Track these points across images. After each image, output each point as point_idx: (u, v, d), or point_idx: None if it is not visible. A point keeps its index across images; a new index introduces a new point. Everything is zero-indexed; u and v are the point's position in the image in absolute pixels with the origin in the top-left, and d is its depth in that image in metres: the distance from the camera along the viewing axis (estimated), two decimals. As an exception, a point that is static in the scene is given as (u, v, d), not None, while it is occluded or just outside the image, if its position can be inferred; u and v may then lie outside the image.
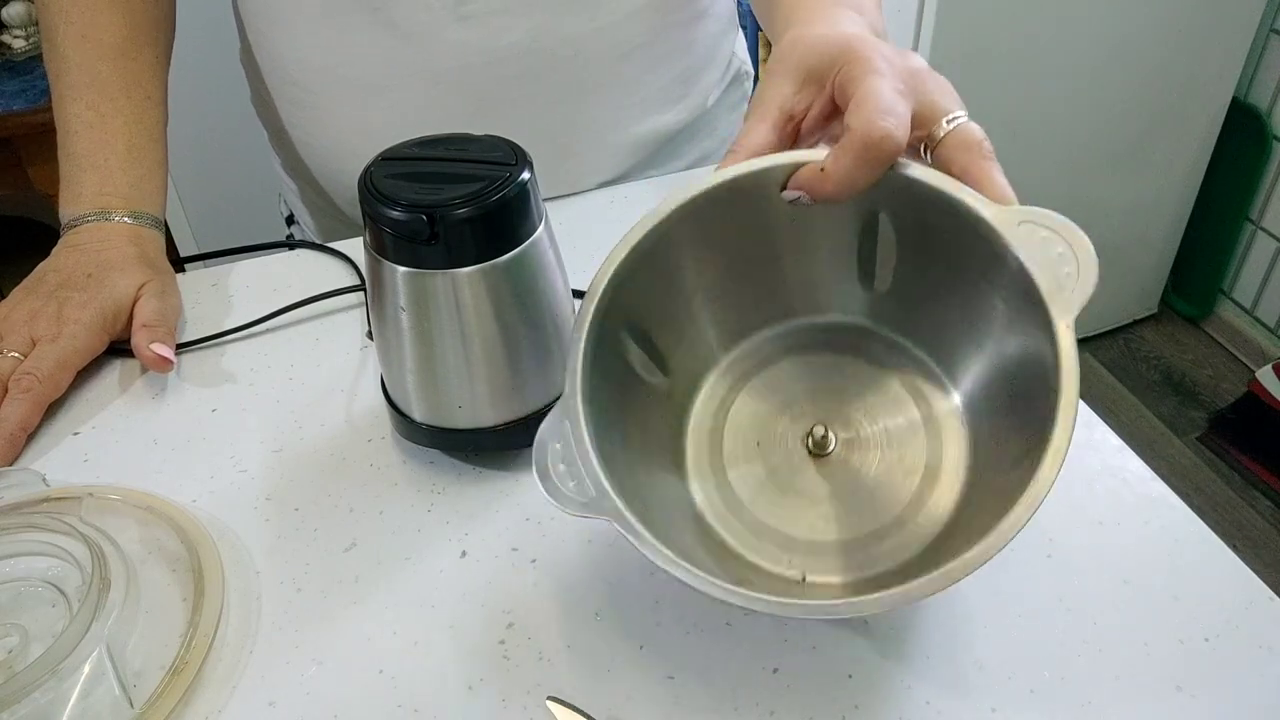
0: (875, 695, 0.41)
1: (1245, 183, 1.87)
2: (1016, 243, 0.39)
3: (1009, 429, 0.42)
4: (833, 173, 0.41)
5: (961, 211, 0.40)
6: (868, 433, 0.46)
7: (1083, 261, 0.38)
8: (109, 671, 0.41)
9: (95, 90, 0.64)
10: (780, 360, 0.48)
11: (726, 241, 0.46)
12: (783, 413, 0.47)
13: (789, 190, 0.43)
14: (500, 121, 0.69)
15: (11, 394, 0.55)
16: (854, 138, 0.40)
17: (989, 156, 0.42)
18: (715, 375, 0.48)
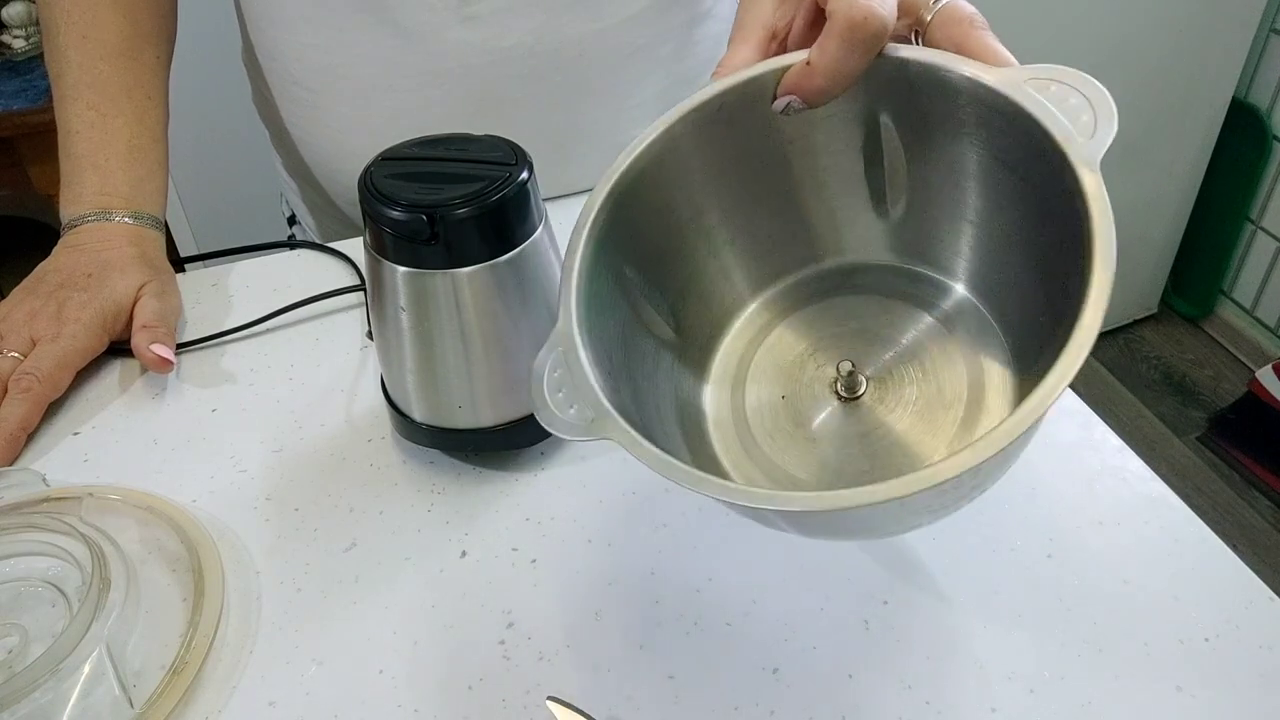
0: (875, 695, 0.41)
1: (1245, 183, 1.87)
2: (1025, 100, 0.36)
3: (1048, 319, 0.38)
4: (819, 63, 0.38)
5: (962, 83, 0.38)
6: (900, 370, 0.43)
7: (1099, 108, 0.35)
8: (109, 671, 0.41)
9: (96, 90, 0.64)
10: (799, 309, 0.46)
11: (728, 173, 0.43)
12: (806, 362, 0.44)
13: (778, 99, 0.40)
14: (503, 121, 0.69)
15: (11, 394, 0.55)
16: (837, 22, 0.38)
17: (983, 27, 0.40)
18: (732, 331, 0.45)
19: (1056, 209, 0.36)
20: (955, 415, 0.41)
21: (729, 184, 0.44)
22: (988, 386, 0.41)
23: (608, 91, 0.71)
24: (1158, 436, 1.84)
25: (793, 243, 0.46)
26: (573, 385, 0.35)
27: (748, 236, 0.45)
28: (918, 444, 0.41)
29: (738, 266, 0.46)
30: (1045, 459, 0.51)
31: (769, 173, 0.44)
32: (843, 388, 0.43)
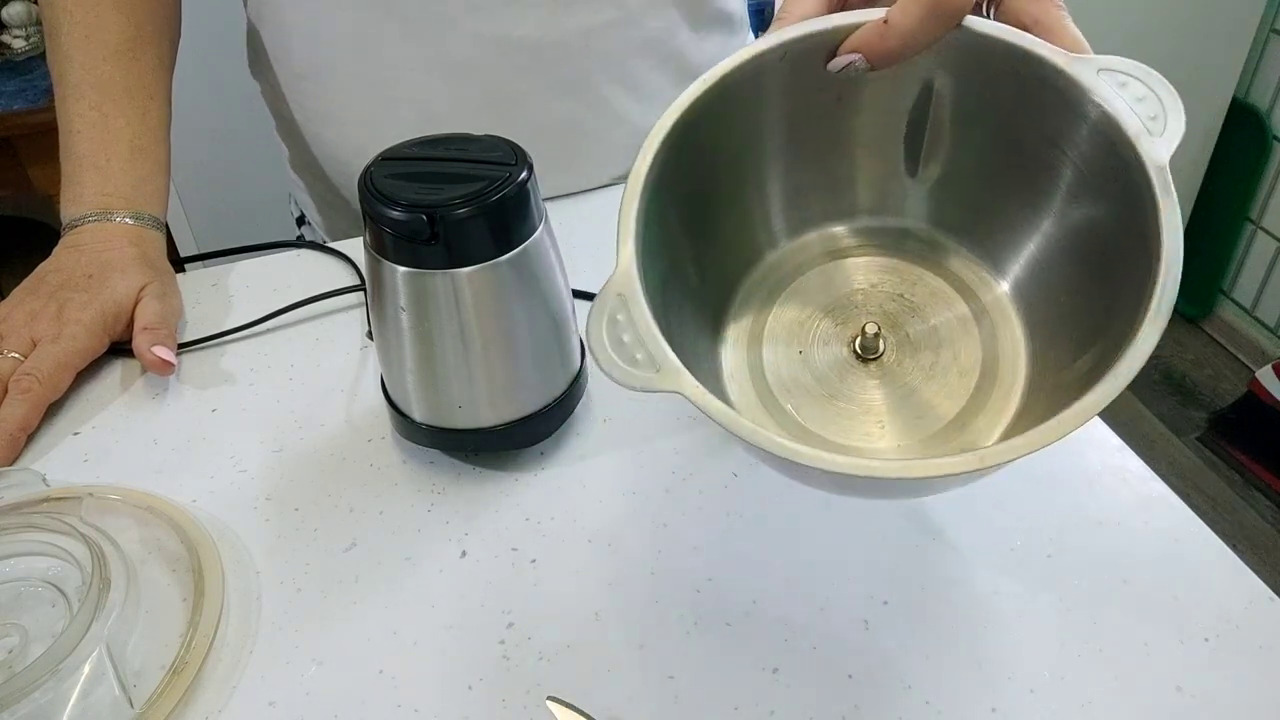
0: (875, 695, 0.41)
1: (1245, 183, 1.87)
2: (1097, 90, 0.36)
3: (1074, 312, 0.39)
4: (898, 24, 0.37)
5: (1034, 63, 0.37)
6: (919, 341, 0.43)
7: (1169, 105, 0.35)
8: (109, 671, 0.41)
9: (98, 90, 0.64)
10: (830, 261, 0.45)
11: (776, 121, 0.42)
12: (829, 316, 0.44)
13: (840, 57, 0.39)
14: (511, 114, 0.69)
15: (11, 394, 0.55)
16: None
17: (1060, 5, 0.39)
18: (749, 282, 0.45)
19: (1112, 201, 0.35)
20: (969, 384, 0.41)
21: (775, 131, 0.43)
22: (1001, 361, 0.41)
23: (614, 84, 0.72)
24: (1158, 436, 1.84)
25: (829, 193, 0.45)
26: (635, 334, 0.33)
27: (784, 182, 0.44)
28: (933, 407, 0.41)
29: (771, 212, 0.45)
30: (1045, 459, 0.51)
31: (818, 124, 0.43)
32: (862, 347, 0.42)
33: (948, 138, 0.42)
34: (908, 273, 0.45)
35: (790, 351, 0.43)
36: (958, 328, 0.43)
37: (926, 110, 0.42)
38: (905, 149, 0.43)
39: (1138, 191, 0.34)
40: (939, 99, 0.41)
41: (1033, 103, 0.38)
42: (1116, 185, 0.35)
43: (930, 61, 0.39)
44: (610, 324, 0.33)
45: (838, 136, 0.44)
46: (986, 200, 0.43)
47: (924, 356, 0.42)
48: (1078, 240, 0.39)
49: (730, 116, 0.41)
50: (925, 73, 0.41)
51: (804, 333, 0.44)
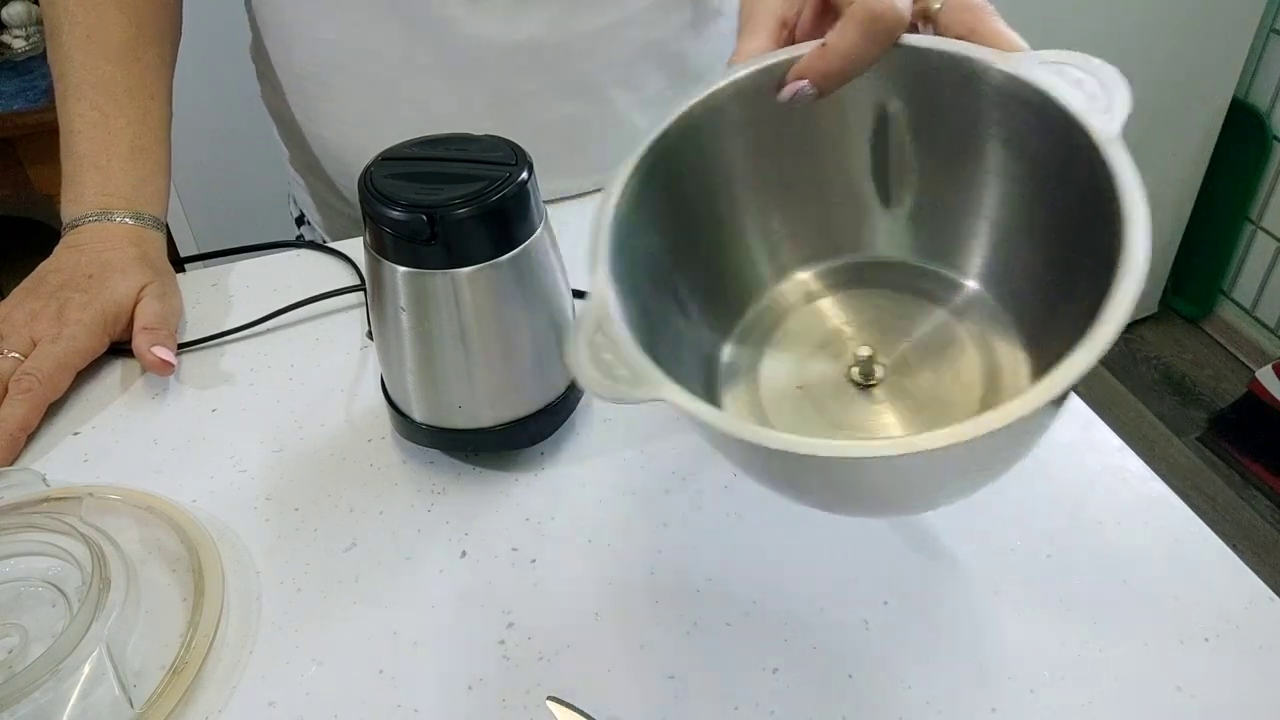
0: (875, 695, 0.41)
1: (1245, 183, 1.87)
2: (1041, 80, 0.36)
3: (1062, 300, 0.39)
4: (836, 46, 0.38)
5: (975, 67, 0.38)
6: (914, 359, 0.43)
7: (1113, 88, 0.35)
8: (109, 671, 0.41)
9: (99, 90, 0.64)
10: (812, 301, 0.45)
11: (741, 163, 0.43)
12: (819, 353, 0.44)
13: (786, 86, 0.40)
14: (514, 115, 0.69)
15: (11, 394, 0.55)
16: (858, 9, 0.38)
17: (993, 13, 0.40)
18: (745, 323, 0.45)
19: (1076, 188, 0.36)
20: (973, 399, 0.41)
21: (746, 170, 0.43)
22: (1003, 371, 0.41)
23: (618, 86, 0.72)
24: (1158, 436, 1.84)
25: (808, 234, 0.46)
26: (615, 351, 0.34)
27: (764, 225, 0.45)
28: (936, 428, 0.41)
29: (756, 253, 0.45)
30: (1045, 459, 0.51)
31: (784, 162, 0.44)
32: (859, 374, 0.42)
33: (912, 160, 0.43)
34: (900, 302, 0.45)
35: (789, 388, 0.43)
36: (955, 349, 0.43)
37: (886, 136, 0.42)
38: (874, 179, 0.44)
39: (1094, 169, 0.34)
40: (895, 122, 0.42)
41: (981, 107, 0.39)
42: (1074, 170, 0.36)
43: (879, 86, 0.40)
44: (590, 345, 0.34)
45: (808, 174, 0.44)
46: (963, 219, 0.43)
47: (923, 378, 0.42)
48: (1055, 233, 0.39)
49: (694, 155, 0.41)
50: (877, 97, 0.41)
51: (800, 370, 0.44)
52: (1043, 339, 0.41)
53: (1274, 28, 1.77)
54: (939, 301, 0.44)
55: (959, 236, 0.43)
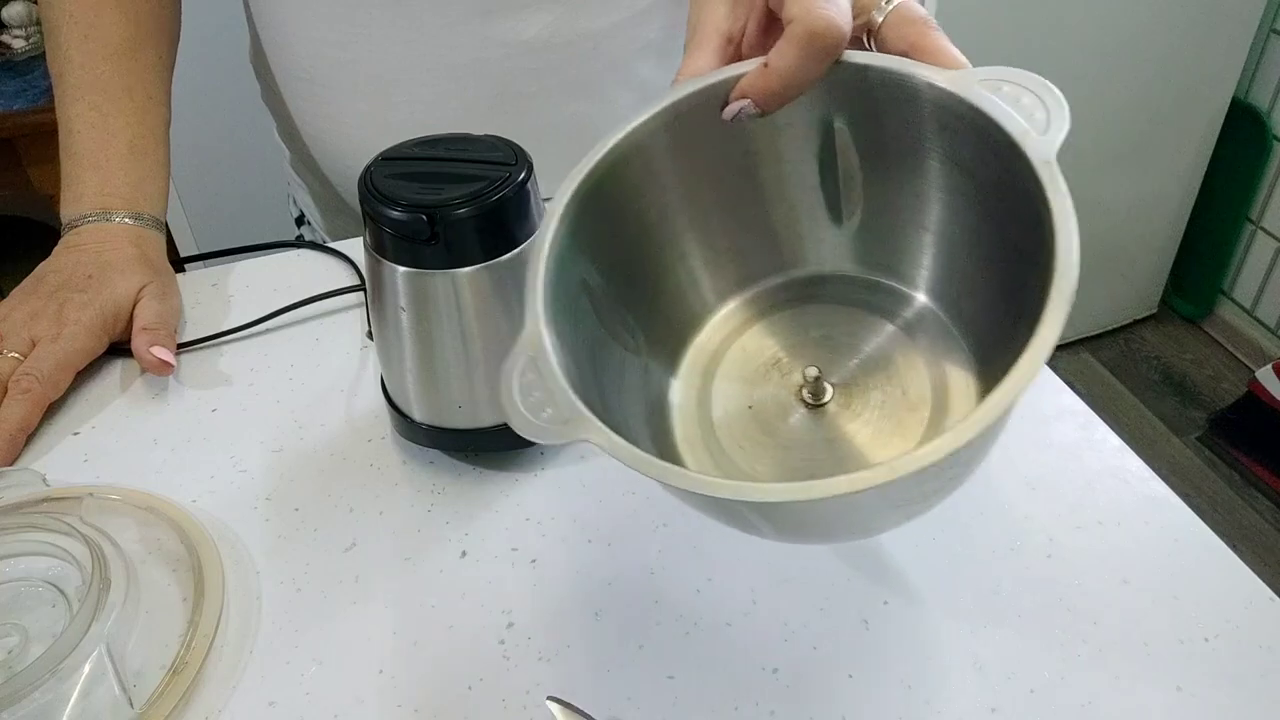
0: (875, 695, 0.41)
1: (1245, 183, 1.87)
2: (978, 99, 0.36)
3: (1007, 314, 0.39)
4: (777, 66, 0.38)
5: (915, 85, 0.38)
6: (864, 376, 0.43)
7: (1051, 106, 0.36)
8: (109, 671, 0.41)
9: (98, 90, 0.64)
10: (762, 319, 0.45)
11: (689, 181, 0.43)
12: (770, 371, 0.44)
13: (730, 105, 0.40)
14: (516, 115, 0.69)
15: (11, 394, 0.55)
16: (797, 29, 0.38)
17: (936, 28, 0.40)
18: (696, 341, 0.45)
19: (1014, 207, 0.36)
20: (921, 417, 0.41)
21: (690, 191, 0.43)
22: (951, 390, 0.41)
23: (620, 85, 0.72)
24: (1158, 436, 1.84)
25: (755, 252, 0.46)
26: (544, 389, 0.34)
27: (709, 246, 0.45)
28: (886, 447, 0.41)
29: (701, 275, 0.45)
30: (1045, 459, 0.51)
31: (729, 181, 0.44)
32: (809, 394, 0.42)
33: (859, 175, 0.43)
34: (849, 317, 0.45)
35: (740, 410, 0.43)
36: (903, 365, 0.42)
37: (833, 151, 0.42)
38: (824, 196, 0.44)
39: (1028, 195, 0.34)
40: (841, 137, 0.42)
41: (923, 124, 0.39)
42: (1012, 189, 0.36)
43: (824, 102, 0.40)
44: (520, 383, 0.34)
45: (759, 189, 0.44)
46: (910, 233, 0.43)
47: (873, 396, 0.42)
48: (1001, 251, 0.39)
49: (635, 180, 0.41)
50: (822, 113, 0.41)
51: (751, 387, 0.44)
52: (990, 353, 0.41)
53: (1274, 28, 1.77)
54: (889, 316, 0.44)
55: (906, 250, 0.43)
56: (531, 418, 0.33)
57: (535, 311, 0.36)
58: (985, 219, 0.39)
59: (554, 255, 0.38)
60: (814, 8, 0.38)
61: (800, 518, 0.35)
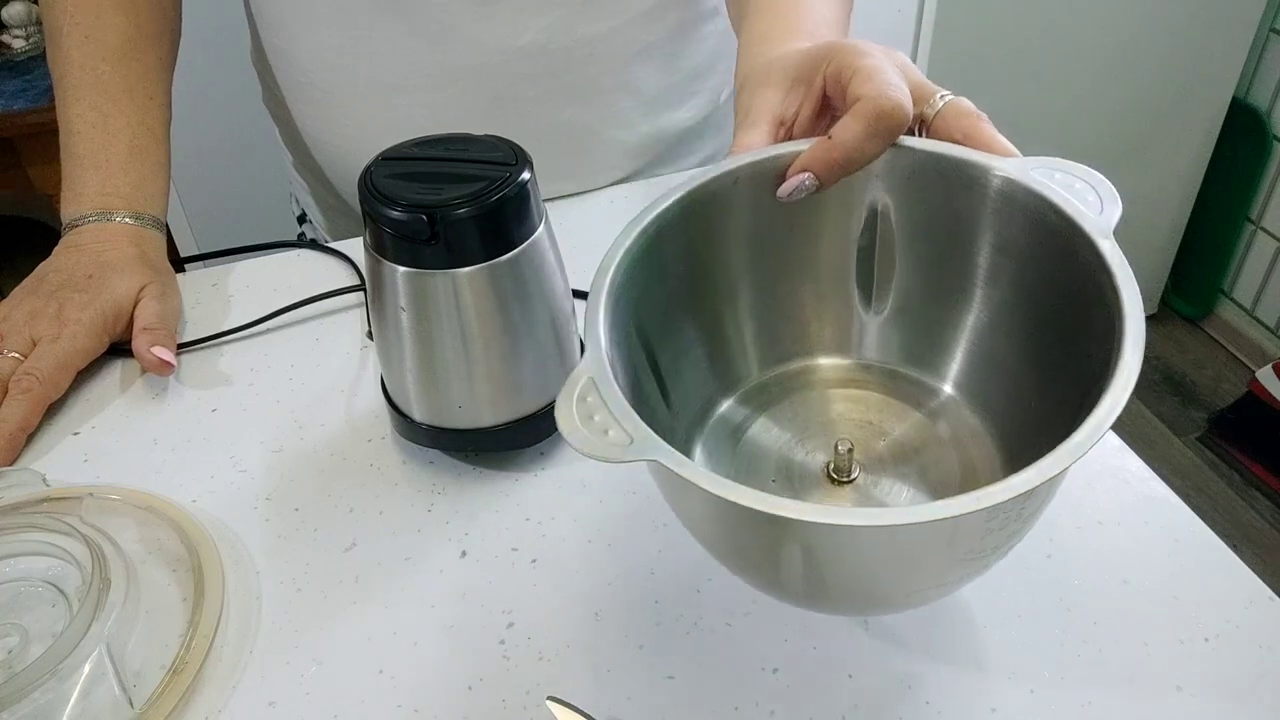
0: (875, 695, 0.41)
1: (1245, 183, 1.87)
2: (1034, 184, 0.38)
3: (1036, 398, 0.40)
4: (841, 139, 0.40)
5: (969, 169, 0.39)
6: (891, 459, 0.43)
7: (1103, 192, 0.37)
8: (109, 671, 0.41)
9: (98, 91, 0.64)
10: (784, 399, 0.46)
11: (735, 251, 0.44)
12: (795, 447, 0.44)
13: (789, 179, 0.41)
14: (514, 119, 0.70)
15: (12, 394, 0.55)
16: (866, 106, 0.39)
17: (987, 121, 0.42)
18: (720, 413, 0.46)
19: (1067, 286, 0.37)
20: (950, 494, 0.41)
21: (733, 259, 0.44)
22: (979, 473, 0.42)
23: (616, 89, 0.72)
24: (1158, 436, 1.84)
25: (787, 328, 0.47)
26: (607, 412, 0.34)
27: (744, 316, 0.46)
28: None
29: (733, 344, 0.46)
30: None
31: (769, 257, 0.45)
32: (835, 470, 0.43)
33: (897, 261, 0.44)
34: (875, 402, 0.46)
35: (763, 481, 0.43)
36: (928, 447, 0.43)
37: (874, 235, 0.43)
38: (858, 278, 0.45)
39: (1085, 264, 0.35)
40: (885, 220, 0.43)
41: (973, 208, 0.40)
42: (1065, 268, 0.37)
43: (873, 184, 0.41)
44: (580, 403, 0.34)
45: (795, 267, 0.45)
46: (939, 319, 0.44)
47: (899, 475, 0.43)
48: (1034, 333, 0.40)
49: (689, 236, 0.42)
50: (870, 196, 0.42)
51: (775, 463, 0.44)
52: (1015, 439, 0.42)
53: (1274, 28, 1.77)
54: (914, 404, 0.45)
55: (938, 340, 0.44)
56: (592, 436, 0.33)
57: (597, 336, 0.36)
58: (1029, 303, 0.40)
59: (612, 291, 0.38)
60: (885, 88, 0.39)
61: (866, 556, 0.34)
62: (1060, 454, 0.30)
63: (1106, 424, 0.30)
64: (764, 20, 0.53)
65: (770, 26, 0.52)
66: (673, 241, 0.41)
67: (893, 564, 0.34)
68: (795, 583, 0.37)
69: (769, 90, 0.46)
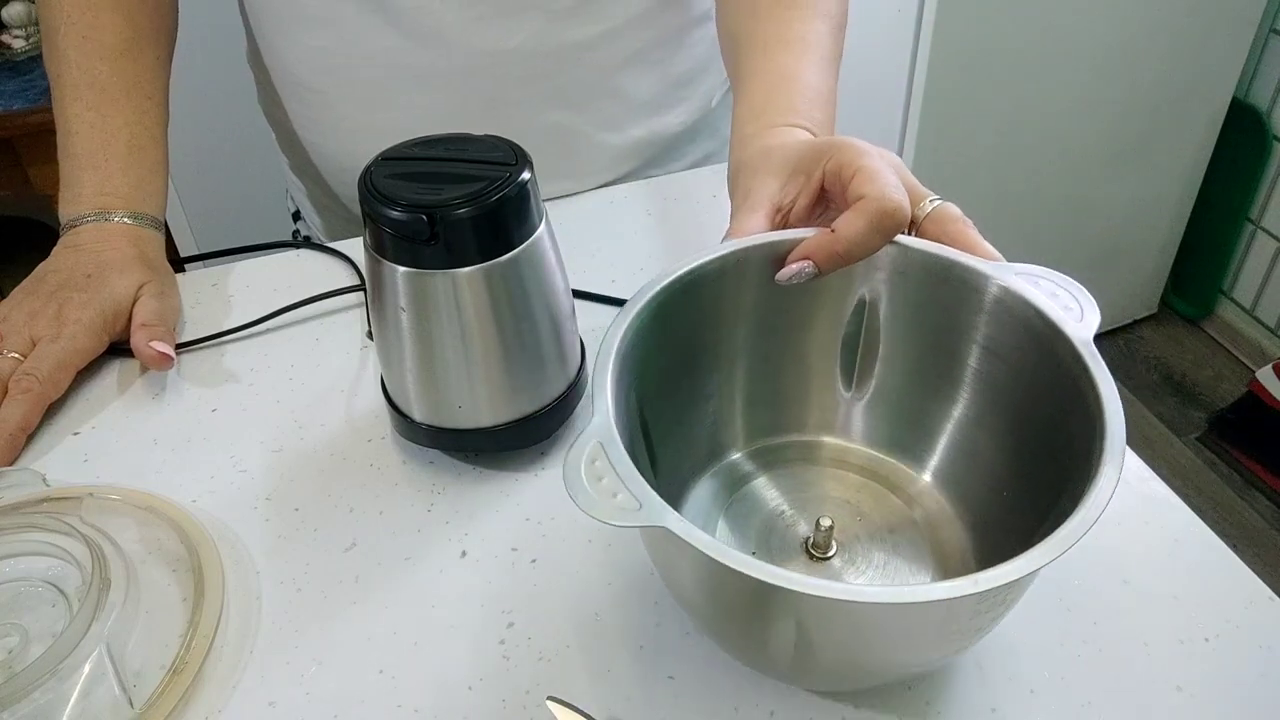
0: (875, 695, 0.41)
1: (1245, 183, 1.87)
2: (1021, 287, 0.40)
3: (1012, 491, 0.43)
4: (844, 233, 0.42)
5: (958, 270, 0.42)
6: (865, 537, 0.45)
7: (1083, 301, 0.40)
8: (109, 671, 0.41)
9: (96, 91, 0.64)
10: (764, 473, 0.48)
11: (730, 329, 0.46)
12: (775, 520, 0.46)
13: (790, 265, 0.44)
14: (505, 122, 0.70)
15: (12, 394, 0.55)
16: (870, 205, 0.42)
17: (973, 227, 0.45)
18: (702, 483, 0.48)
19: (1048, 385, 0.39)
20: (923, 581, 0.43)
21: (727, 336, 0.46)
22: (948, 558, 0.44)
23: (608, 93, 0.72)
24: (1158, 436, 1.84)
25: (772, 406, 0.49)
26: (615, 474, 0.35)
27: (733, 392, 0.48)
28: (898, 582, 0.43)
29: (720, 419, 0.48)
30: (1045, 459, 0.51)
31: (765, 337, 0.47)
32: (815, 546, 0.45)
33: (881, 350, 0.46)
34: (850, 481, 0.48)
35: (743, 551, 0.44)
36: (904, 530, 0.45)
37: (860, 324, 0.46)
38: (841, 363, 0.47)
39: (1066, 367, 0.38)
40: (873, 311, 0.46)
41: (961, 308, 0.43)
42: (1045, 370, 0.39)
43: (865, 277, 0.44)
44: (589, 465, 0.35)
45: (787, 348, 0.47)
46: (922, 409, 0.46)
47: (875, 557, 0.45)
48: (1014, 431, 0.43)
49: (691, 309, 0.44)
50: (860, 287, 0.45)
51: (756, 536, 0.46)
52: (986, 525, 0.44)
53: (1274, 28, 1.77)
54: (891, 488, 0.47)
55: (923, 429, 0.47)
56: (599, 499, 0.35)
57: (605, 403, 0.37)
58: (1008, 398, 0.42)
59: (620, 356, 0.40)
60: (887, 189, 0.43)
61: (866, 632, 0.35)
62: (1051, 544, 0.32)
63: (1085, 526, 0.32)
64: (759, 92, 0.56)
65: (766, 102, 0.55)
66: (675, 314, 0.43)
67: (887, 640, 0.36)
68: (784, 655, 0.38)
69: (769, 178, 0.49)
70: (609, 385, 0.38)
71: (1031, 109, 1.62)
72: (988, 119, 1.60)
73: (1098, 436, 0.35)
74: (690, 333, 0.45)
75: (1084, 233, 1.81)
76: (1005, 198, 1.71)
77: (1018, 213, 1.73)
